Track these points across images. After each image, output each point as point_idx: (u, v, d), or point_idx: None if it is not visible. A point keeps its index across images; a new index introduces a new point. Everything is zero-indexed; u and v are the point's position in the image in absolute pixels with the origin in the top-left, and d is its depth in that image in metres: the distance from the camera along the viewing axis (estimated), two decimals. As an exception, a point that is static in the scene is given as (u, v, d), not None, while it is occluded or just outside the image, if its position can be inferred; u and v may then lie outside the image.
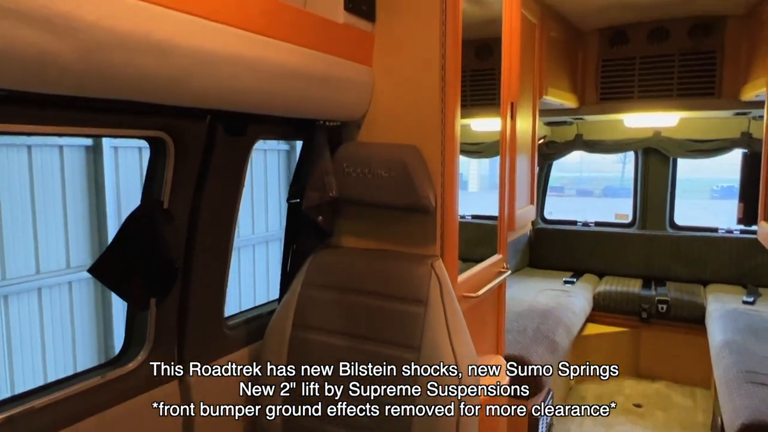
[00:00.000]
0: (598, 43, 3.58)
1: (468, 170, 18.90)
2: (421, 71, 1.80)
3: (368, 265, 1.81)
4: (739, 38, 3.19)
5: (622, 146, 4.37)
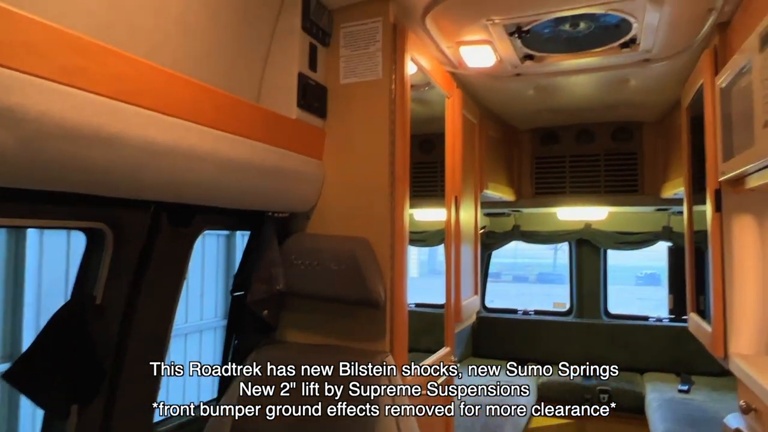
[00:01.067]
0: (532, 143, 3.84)
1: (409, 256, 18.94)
2: (371, 165, 1.85)
3: (315, 362, 1.73)
4: (656, 142, 3.52)
5: (557, 237, 4.58)
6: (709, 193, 2.04)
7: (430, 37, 2.12)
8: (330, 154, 1.91)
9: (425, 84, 2.38)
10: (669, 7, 1.84)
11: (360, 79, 1.88)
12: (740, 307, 1.94)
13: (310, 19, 1.79)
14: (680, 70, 2.46)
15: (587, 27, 2.07)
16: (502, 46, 2.18)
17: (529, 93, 2.91)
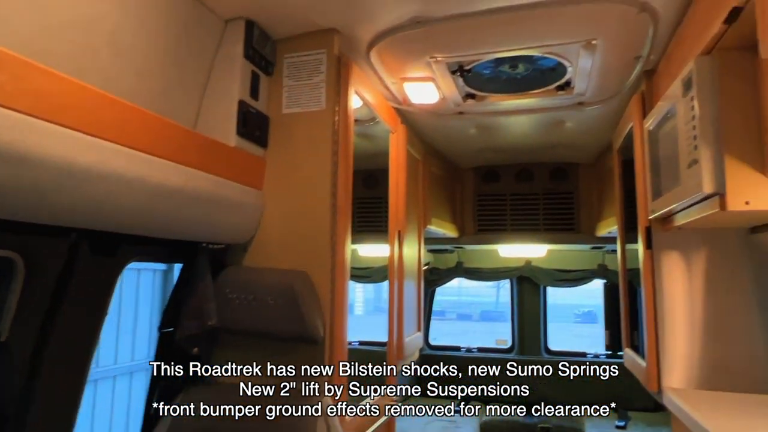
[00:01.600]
0: (474, 180, 3.92)
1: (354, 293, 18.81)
2: (312, 197, 1.81)
3: (248, 405, 1.62)
4: (590, 183, 3.68)
5: (499, 274, 4.65)
6: (640, 231, 2.12)
7: (375, 72, 2.13)
8: (270, 185, 1.86)
9: (370, 119, 2.39)
10: (600, 54, 1.94)
11: (303, 109, 1.86)
12: (672, 342, 2.00)
13: (253, 47, 1.76)
14: (612, 114, 2.59)
15: (525, 69, 2.15)
16: (444, 83, 2.23)
17: (471, 131, 2.97)
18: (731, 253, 1.98)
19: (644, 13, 1.65)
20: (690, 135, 1.50)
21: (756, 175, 1.38)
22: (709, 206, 1.48)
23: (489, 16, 1.70)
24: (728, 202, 1.39)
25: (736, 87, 1.41)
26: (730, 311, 1.95)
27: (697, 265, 2.01)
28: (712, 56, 1.44)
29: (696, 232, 1.99)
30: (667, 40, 1.85)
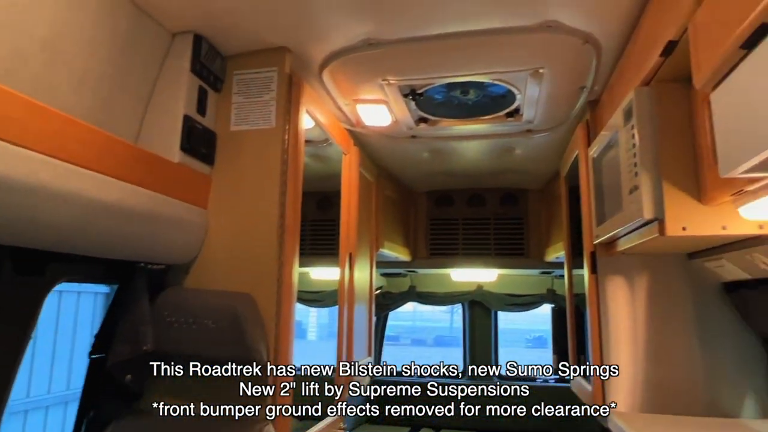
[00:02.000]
0: (427, 204, 3.95)
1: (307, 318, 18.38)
2: (259, 216, 1.75)
3: (183, 434, 1.53)
4: (539, 208, 3.76)
5: (451, 298, 4.66)
6: (585, 256, 2.16)
7: (327, 92, 2.12)
8: (216, 203, 1.80)
9: (323, 140, 2.37)
10: (547, 83, 2.00)
11: (252, 126, 1.82)
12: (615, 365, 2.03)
13: (201, 62, 1.72)
14: (559, 141, 2.67)
15: (476, 95, 2.19)
16: (397, 107, 2.24)
17: (424, 155, 3.00)
18: (671, 278, 2.04)
19: (588, 45, 1.71)
20: (631, 162, 1.55)
21: (692, 202, 1.44)
22: (649, 231, 1.52)
23: (440, 41, 1.73)
24: (667, 227, 1.43)
25: (673, 117, 1.47)
26: (670, 334, 2.01)
27: (639, 290, 2.06)
28: (651, 87, 1.50)
29: (638, 257, 2.05)
30: (609, 72, 1.93)
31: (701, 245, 1.78)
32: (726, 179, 1.24)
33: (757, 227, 1.38)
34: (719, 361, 1.97)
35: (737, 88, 1.00)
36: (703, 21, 1.10)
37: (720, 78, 1.05)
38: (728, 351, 1.97)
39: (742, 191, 1.24)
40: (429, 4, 1.56)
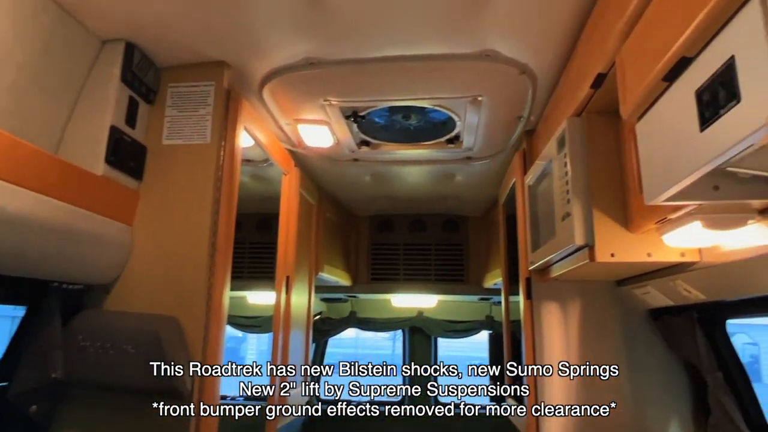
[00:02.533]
0: (369, 228, 3.93)
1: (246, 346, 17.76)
2: (189, 236, 1.67)
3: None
4: (478, 235, 3.83)
5: (391, 324, 4.62)
6: (521, 282, 2.20)
7: (268, 110, 2.08)
8: (143, 220, 1.70)
9: (263, 160, 2.31)
10: (486, 111, 2.05)
11: (186, 141, 1.74)
12: (549, 391, 2.05)
13: (133, 71, 1.64)
14: (498, 169, 2.73)
15: (418, 120, 2.21)
16: (339, 128, 2.23)
17: (366, 179, 2.99)
18: (601, 304, 2.10)
19: (524, 75, 1.77)
20: (564, 190, 1.59)
21: (620, 229, 1.48)
22: (581, 257, 1.56)
23: (382, 63, 1.74)
24: (597, 253, 1.47)
25: (603, 147, 1.52)
26: (601, 360, 2.05)
27: (572, 315, 2.10)
28: (582, 118, 1.56)
29: (571, 283, 2.10)
30: (544, 103, 1.99)
31: (629, 272, 1.84)
32: (651, 207, 1.29)
33: (679, 255, 1.44)
34: (646, 386, 2.03)
35: (660, 119, 1.05)
36: (629, 54, 1.15)
37: (644, 109, 1.09)
38: (654, 376, 2.03)
39: (665, 219, 1.29)
40: (370, 26, 1.56)
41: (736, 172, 0.99)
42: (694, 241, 1.33)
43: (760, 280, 1.32)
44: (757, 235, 1.20)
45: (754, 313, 1.72)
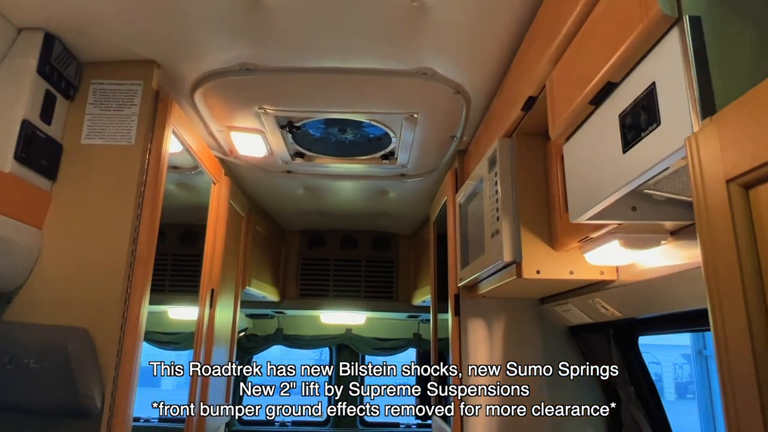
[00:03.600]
0: (299, 243, 3.87)
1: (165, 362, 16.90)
2: (107, 243, 1.56)
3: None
4: (409, 253, 3.86)
5: (319, 342, 4.54)
6: (450, 298, 2.23)
7: (199, 115, 2.01)
8: (55, 223, 1.57)
9: (192, 167, 2.22)
10: (421, 128, 2.08)
11: (107, 142, 1.64)
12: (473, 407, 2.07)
13: (51, 64, 1.53)
14: (430, 188, 2.77)
15: (354, 134, 2.21)
16: (273, 138, 2.18)
17: (299, 192, 2.94)
18: (525, 321, 2.17)
19: (459, 95, 1.82)
20: (493, 208, 1.64)
21: (546, 247, 1.54)
22: (508, 274, 1.60)
23: (320, 74, 1.72)
24: (524, 270, 1.52)
25: (531, 168, 1.59)
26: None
27: (497, 332, 2.16)
28: (512, 138, 1.62)
29: (497, 300, 2.15)
30: (477, 124, 2.06)
31: (552, 290, 1.91)
32: (574, 226, 1.36)
33: (599, 273, 1.52)
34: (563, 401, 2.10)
35: (586, 141, 1.10)
36: (559, 78, 1.21)
37: (572, 131, 1.15)
38: (571, 391, 2.11)
39: (587, 238, 1.35)
40: (309, 35, 1.55)
41: (653, 194, 1.05)
42: (613, 260, 1.40)
43: (671, 298, 1.41)
44: (668, 256, 1.28)
45: (663, 330, 1.84)
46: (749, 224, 0.62)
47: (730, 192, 0.62)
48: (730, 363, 0.64)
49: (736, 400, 0.63)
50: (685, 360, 16.06)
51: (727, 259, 0.64)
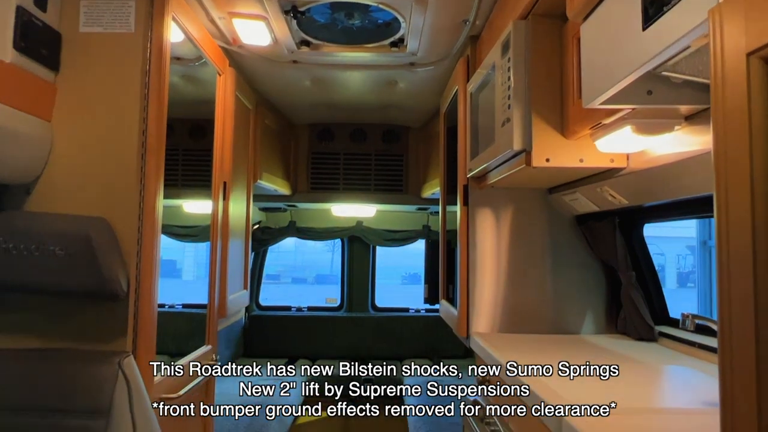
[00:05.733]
0: (309, 137, 3.85)
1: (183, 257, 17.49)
2: (117, 134, 1.57)
3: (26, 371, 1.38)
4: (418, 146, 3.84)
5: (331, 234, 4.68)
6: (459, 189, 2.25)
7: (199, 1, 1.91)
8: (63, 115, 1.57)
9: (196, 58, 2.15)
10: (431, 12, 1.97)
11: (106, 29, 1.58)
12: (480, 291, 2.18)
13: (40, -57, 1.44)
14: (441, 78, 2.69)
15: (361, 19, 2.11)
16: (277, 25, 2.09)
17: (306, 83, 2.87)
18: (533, 211, 2.20)
19: (472, -26, 1.70)
20: (505, 95, 1.60)
21: (556, 135, 1.53)
22: (517, 163, 1.60)
23: (324, -49, 1.61)
24: (533, 158, 1.52)
25: (546, 52, 1.53)
26: (528, 262, 2.19)
27: (504, 221, 2.20)
28: (527, 21, 1.54)
29: (506, 191, 2.18)
30: (490, 7, 1.94)
31: (561, 179, 1.92)
32: (586, 113, 1.33)
33: (609, 161, 1.51)
34: (566, 286, 2.20)
35: (603, 20, 1.05)
36: (580, -50, 1.12)
37: (590, 9, 1.09)
38: (574, 277, 2.20)
39: (599, 124, 1.33)
40: None
41: (670, 76, 1.02)
42: (624, 147, 1.39)
43: (680, 185, 1.42)
44: (680, 142, 1.27)
45: (669, 217, 1.87)
46: (765, 101, 0.61)
47: (749, 66, 0.60)
48: (729, 245, 0.65)
49: (731, 280, 0.64)
50: (689, 251, 16.45)
51: (739, 139, 0.63)
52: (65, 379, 1.37)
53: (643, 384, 1.50)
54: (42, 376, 1.37)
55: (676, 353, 1.80)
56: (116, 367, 1.39)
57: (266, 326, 4.58)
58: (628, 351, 1.83)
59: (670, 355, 1.79)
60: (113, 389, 1.36)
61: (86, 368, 1.38)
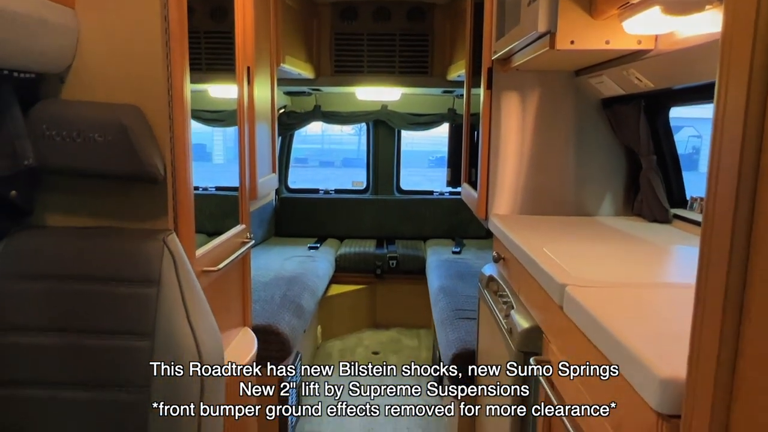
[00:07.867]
0: (331, 17, 3.71)
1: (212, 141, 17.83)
2: (139, 21, 1.57)
3: (83, 246, 1.54)
4: (444, 24, 3.68)
5: (356, 118, 4.68)
6: (483, 72, 2.21)
7: None
8: (85, 3, 1.57)
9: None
10: None
11: None
12: (501, 173, 2.23)
13: None
14: (468, -52, 2.52)
15: None
16: None
17: (326, -43, 2.73)
18: (558, 94, 2.17)
19: None
20: (533, -29, 1.52)
21: (583, 15, 1.47)
22: (541, 45, 1.57)
23: None
24: (557, 40, 1.48)
25: None
26: (551, 145, 2.21)
27: (530, 104, 2.19)
28: None
29: (531, 73, 2.14)
30: None
31: (587, 61, 1.87)
32: (615, -9, 1.28)
33: (636, 42, 1.47)
34: (588, 169, 2.23)
35: None
36: None
37: None
38: (596, 160, 2.22)
39: (628, 3, 1.28)
40: None
41: (703, -50, 0.97)
42: (652, 27, 1.35)
43: (708, 67, 1.38)
44: (711, 22, 1.22)
45: (696, 101, 1.84)
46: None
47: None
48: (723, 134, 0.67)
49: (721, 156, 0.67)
50: (728, 133, 15.78)
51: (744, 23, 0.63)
52: (118, 252, 1.52)
53: (649, 263, 1.59)
54: (98, 250, 1.53)
55: (686, 234, 1.86)
56: (161, 243, 1.53)
57: (296, 208, 4.79)
58: (640, 232, 1.90)
59: (680, 236, 1.85)
60: (161, 262, 1.51)
61: (135, 244, 1.53)
